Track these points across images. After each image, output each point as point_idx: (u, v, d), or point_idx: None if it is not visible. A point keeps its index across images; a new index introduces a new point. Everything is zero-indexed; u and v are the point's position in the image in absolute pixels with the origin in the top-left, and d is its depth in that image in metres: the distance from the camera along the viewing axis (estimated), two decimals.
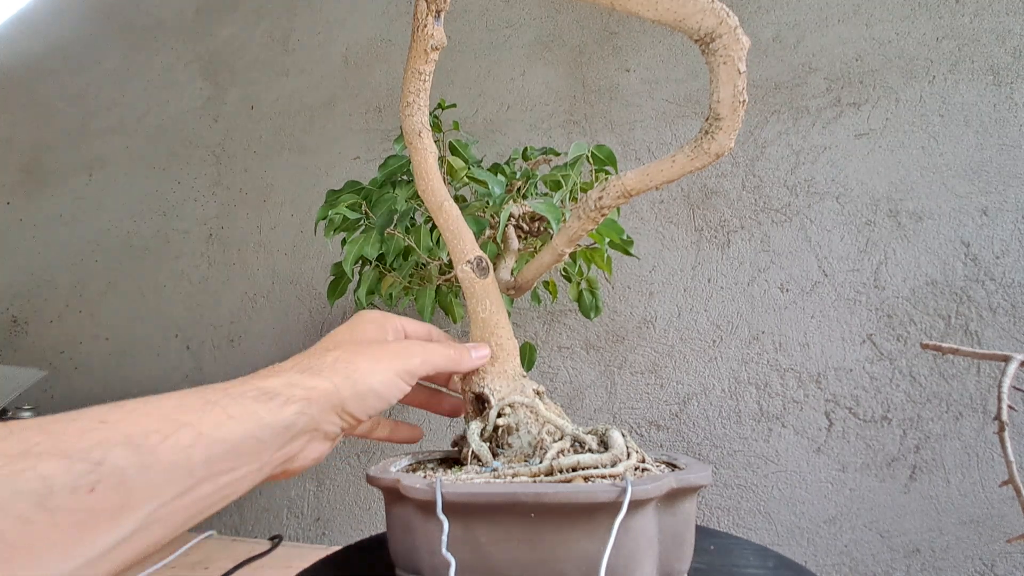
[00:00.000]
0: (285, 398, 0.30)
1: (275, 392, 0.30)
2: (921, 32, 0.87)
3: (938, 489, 0.80)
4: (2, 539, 0.20)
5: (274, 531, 1.12)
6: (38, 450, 0.22)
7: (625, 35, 1.03)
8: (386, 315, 0.41)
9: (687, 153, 0.38)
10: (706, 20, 0.33)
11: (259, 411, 0.29)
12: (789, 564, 0.45)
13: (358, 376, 0.33)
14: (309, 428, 0.31)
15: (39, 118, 1.54)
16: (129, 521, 0.23)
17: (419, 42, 0.42)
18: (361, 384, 0.33)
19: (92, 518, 0.22)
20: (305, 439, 0.32)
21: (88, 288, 1.39)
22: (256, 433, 0.28)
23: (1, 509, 0.20)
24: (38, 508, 0.21)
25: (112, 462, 0.23)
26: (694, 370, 0.92)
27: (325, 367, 0.33)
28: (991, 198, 0.82)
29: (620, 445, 0.39)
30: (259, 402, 0.29)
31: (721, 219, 0.94)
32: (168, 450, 0.25)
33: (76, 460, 0.22)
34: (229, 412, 0.27)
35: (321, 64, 1.26)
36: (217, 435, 0.27)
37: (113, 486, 0.23)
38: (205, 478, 0.26)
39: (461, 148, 0.68)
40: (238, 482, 0.28)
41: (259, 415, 0.28)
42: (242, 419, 0.28)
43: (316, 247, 1.19)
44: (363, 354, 0.35)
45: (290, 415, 0.30)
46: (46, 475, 0.21)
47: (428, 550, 0.35)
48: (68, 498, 0.22)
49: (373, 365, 0.34)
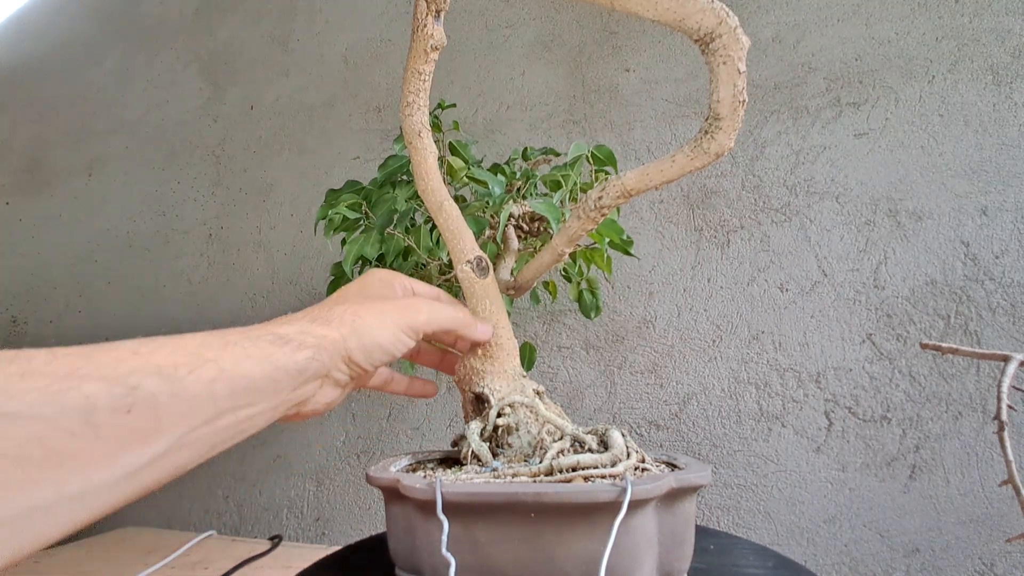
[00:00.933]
0: (298, 344, 0.32)
1: (289, 338, 0.32)
2: (921, 32, 0.87)
3: (938, 489, 0.80)
4: (53, 450, 0.22)
5: (274, 531, 1.12)
6: (81, 373, 0.24)
7: (625, 35, 1.03)
8: (395, 273, 0.42)
9: (687, 153, 0.38)
10: (706, 20, 0.33)
11: (275, 354, 0.31)
12: (789, 564, 0.45)
13: (364, 329, 0.35)
14: (320, 374, 0.33)
15: (39, 118, 1.54)
16: (160, 443, 0.26)
17: (419, 42, 0.42)
18: (366, 336, 0.35)
19: (129, 436, 0.25)
20: (316, 384, 0.34)
21: (88, 288, 1.39)
22: (272, 374, 0.30)
23: (52, 422, 0.22)
24: (83, 423, 0.23)
25: (146, 388, 0.25)
26: (694, 370, 0.92)
27: (334, 318, 0.34)
28: (990, 198, 0.82)
29: (620, 445, 0.39)
30: (275, 345, 0.31)
31: (721, 219, 0.94)
32: (194, 382, 0.27)
33: (114, 384, 0.25)
34: (248, 352, 0.30)
35: (321, 64, 1.26)
36: (237, 372, 0.29)
37: (147, 410, 0.25)
38: (226, 410, 0.29)
39: (461, 148, 0.68)
40: (255, 417, 0.30)
41: (275, 357, 0.31)
42: (259, 360, 0.30)
43: (316, 247, 1.19)
44: (370, 308, 0.36)
45: (302, 360, 0.32)
46: (89, 395, 0.24)
47: (428, 550, 0.35)
48: (108, 417, 0.24)
49: (379, 319, 0.36)
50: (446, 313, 0.40)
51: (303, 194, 1.23)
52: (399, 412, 1.08)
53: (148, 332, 1.01)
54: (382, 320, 0.36)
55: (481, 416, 0.44)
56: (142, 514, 1.24)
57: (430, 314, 0.39)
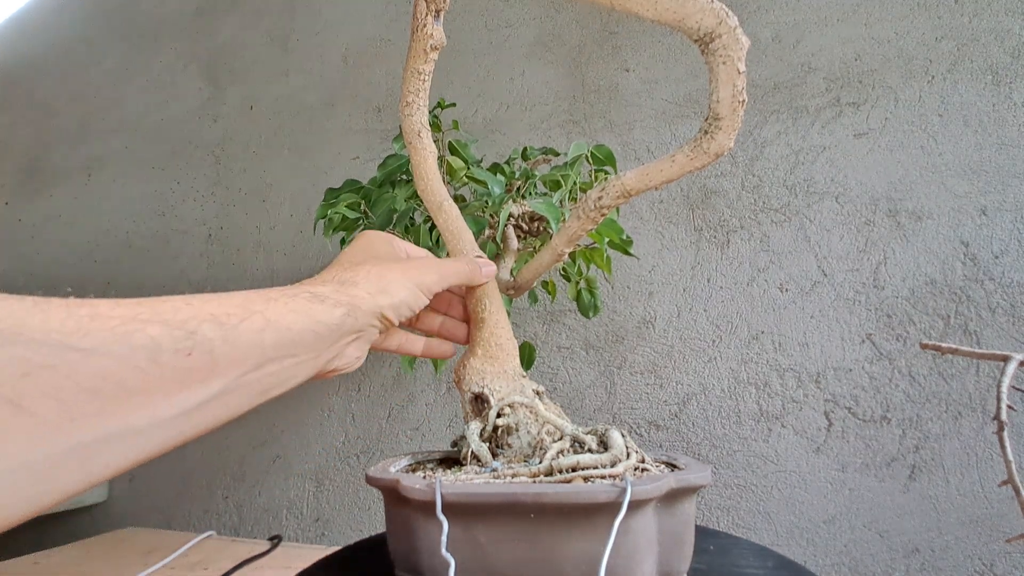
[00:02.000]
0: (334, 301, 0.34)
1: (325, 296, 0.34)
2: (920, 32, 0.87)
3: (937, 489, 0.80)
4: (122, 384, 0.24)
5: (274, 531, 1.12)
6: (143, 317, 0.26)
7: (625, 35, 1.03)
8: (390, 235, 0.45)
9: (686, 153, 0.38)
10: (705, 20, 0.33)
11: (314, 309, 0.33)
12: (788, 564, 0.45)
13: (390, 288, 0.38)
14: (354, 329, 0.36)
15: (39, 118, 1.54)
16: (216, 384, 0.28)
17: (418, 42, 0.42)
18: (394, 296, 0.38)
19: (189, 376, 0.27)
20: (350, 338, 0.36)
21: (88, 288, 1.39)
22: (313, 327, 0.33)
23: (122, 357, 0.25)
24: (150, 361, 0.25)
25: (203, 333, 0.27)
26: (694, 370, 0.92)
27: (359, 279, 0.37)
28: (990, 198, 0.82)
29: (620, 445, 0.39)
30: (312, 302, 0.33)
31: (720, 219, 0.94)
32: (245, 330, 0.29)
33: (174, 328, 0.27)
34: (290, 307, 0.32)
35: (321, 64, 1.26)
36: (282, 323, 0.31)
37: (204, 353, 0.27)
38: (274, 359, 0.31)
39: (460, 148, 0.68)
40: (298, 367, 0.33)
41: (314, 312, 0.33)
42: (301, 314, 0.32)
43: (315, 247, 1.19)
44: (389, 269, 0.39)
45: (339, 316, 0.34)
46: (153, 336, 0.26)
47: (428, 550, 0.35)
48: (171, 357, 0.26)
49: (400, 277, 0.39)
50: (453, 269, 0.43)
51: (303, 194, 1.23)
52: (399, 412, 1.08)
53: None
54: (401, 279, 0.39)
55: (481, 416, 0.44)
56: (142, 514, 1.24)
57: (440, 272, 0.41)
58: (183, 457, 1.22)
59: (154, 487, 1.25)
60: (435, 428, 1.06)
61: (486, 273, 0.45)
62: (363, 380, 1.11)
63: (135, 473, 1.26)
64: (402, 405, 1.08)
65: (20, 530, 0.24)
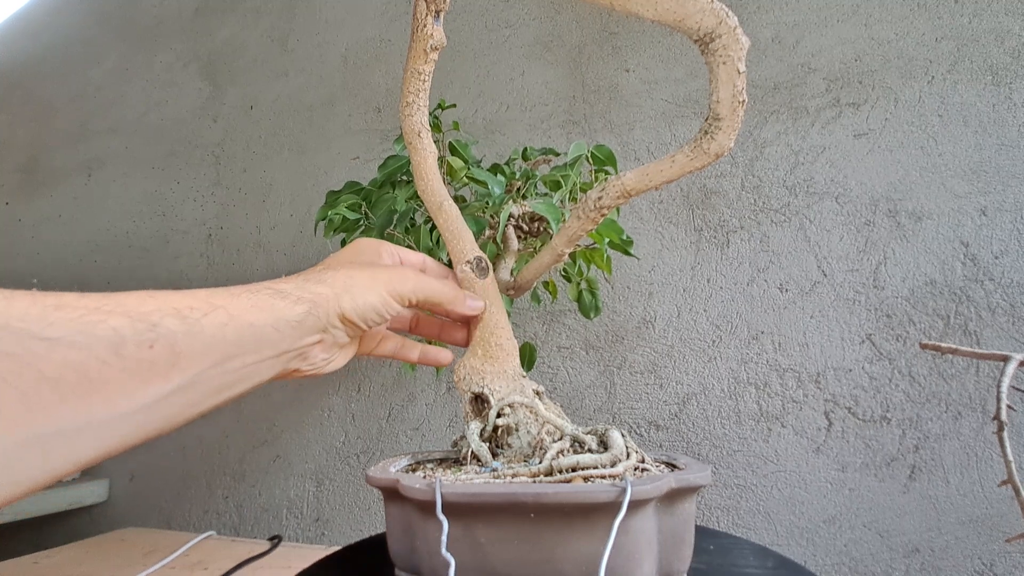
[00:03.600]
0: (296, 298, 0.34)
1: (287, 292, 0.34)
2: (920, 32, 0.87)
3: (937, 489, 0.80)
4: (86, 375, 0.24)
5: (274, 531, 1.12)
6: (107, 308, 0.26)
7: (625, 35, 1.03)
8: (382, 241, 0.45)
9: (686, 153, 0.38)
10: (705, 20, 0.33)
11: (275, 305, 0.33)
12: (788, 564, 0.45)
13: (356, 290, 0.37)
14: (317, 328, 0.35)
15: (38, 118, 1.54)
16: (177, 378, 0.28)
17: (418, 42, 0.42)
18: (358, 297, 0.37)
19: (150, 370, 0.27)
20: (314, 338, 0.35)
21: (87, 288, 1.38)
22: (274, 323, 0.33)
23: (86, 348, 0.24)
24: (112, 353, 0.25)
25: (166, 326, 0.27)
26: (693, 370, 0.92)
27: (327, 279, 0.37)
28: (990, 198, 0.82)
29: (620, 445, 0.39)
30: (275, 298, 0.33)
31: (720, 219, 0.94)
32: (208, 324, 0.29)
33: (137, 320, 0.27)
34: (252, 303, 0.32)
35: (320, 64, 1.26)
36: (245, 319, 0.31)
37: (167, 346, 0.27)
38: (235, 355, 0.31)
39: (461, 148, 0.68)
40: (260, 364, 0.33)
41: (276, 308, 0.33)
42: (263, 309, 0.32)
43: (315, 247, 1.19)
44: (361, 271, 0.39)
45: (300, 313, 0.34)
46: (116, 327, 0.26)
47: (428, 550, 0.35)
48: (134, 349, 0.26)
49: (369, 282, 0.38)
50: (434, 287, 0.41)
51: (303, 194, 1.23)
52: (399, 412, 1.08)
53: None
54: (373, 284, 0.38)
55: (481, 416, 0.44)
56: (142, 514, 1.24)
57: (416, 284, 0.40)
58: (183, 457, 1.22)
59: (154, 487, 1.25)
60: (435, 428, 1.06)
61: (470, 307, 0.44)
62: (363, 380, 1.11)
63: (135, 473, 1.26)
64: (402, 405, 1.08)
65: (20, 530, 0.24)
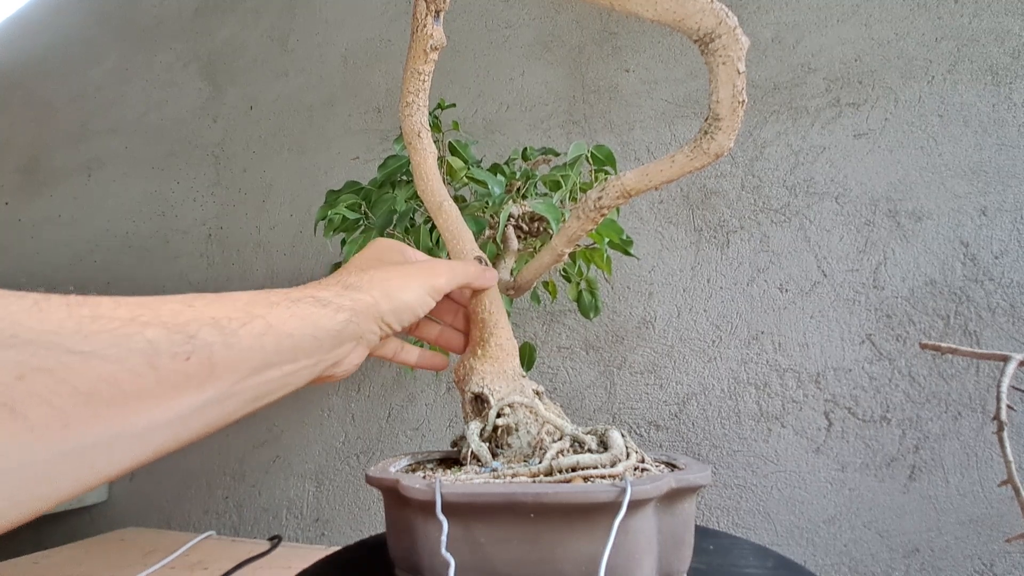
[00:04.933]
0: (336, 307, 0.34)
1: (327, 301, 0.34)
2: (920, 32, 0.87)
3: (937, 489, 0.80)
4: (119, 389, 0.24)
5: (273, 531, 1.12)
6: (143, 319, 0.26)
7: (624, 35, 1.03)
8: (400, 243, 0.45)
9: (686, 153, 0.38)
10: (705, 20, 0.33)
11: (316, 314, 0.33)
12: (788, 564, 0.45)
13: (394, 292, 0.38)
14: (355, 335, 0.36)
15: (38, 118, 1.54)
16: (213, 389, 0.28)
17: (418, 42, 0.42)
18: (396, 299, 0.37)
19: (185, 381, 0.26)
20: (351, 345, 0.36)
21: (87, 288, 1.39)
22: (314, 332, 0.33)
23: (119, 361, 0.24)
24: (147, 365, 0.25)
25: (202, 337, 0.27)
26: (693, 370, 0.92)
27: (364, 284, 0.37)
28: (990, 198, 0.82)
29: (619, 445, 0.39)
30: (315, 307, 0.33)
31: (720, 219, 0.94)
32: (246, 335, 0.29)
33: (174, 331, 0.26)
34: (292, 312, 0.32)
35: (320, 64, 1.26)
36: (284, 329, 0.31)
37: (203, 358, 0.27)
38: (274, 364, 0.31)
39: (461, 148, 0.68)
40: (297, 372, 0.33)
41: (316, 318, 0.33)
42: (303, 319, 0.32)
43: (315, 247, 1.19)
44: (396, 273, 0.39)
45: (341, 321, 0.34)
46: (152, 339, 0.25)
47: (427, 550, 0.35)
48: (169, 361, 0.26)
49: (406, 282, 0.39)
50: (460, 270, 0.43)
51: (303, 194, 1.23)
52: (399, 412, 1.08)
53: None
54: (408, 283, 0.39)
55: (481, 416, 0.44)
56: (142, 514, 1.24)
57: (448, 274, 0.41)
58: (183, 457, 1.22)
59: (154, 487, 1.25)
60: (435, 428, 1.06)
61: (489, 278, 0.45)
62: (363, 380, 1.11)
63: (135, 473, 1.26)
64: (402, 405, 1.08)
65: (20, 530, 0.24)
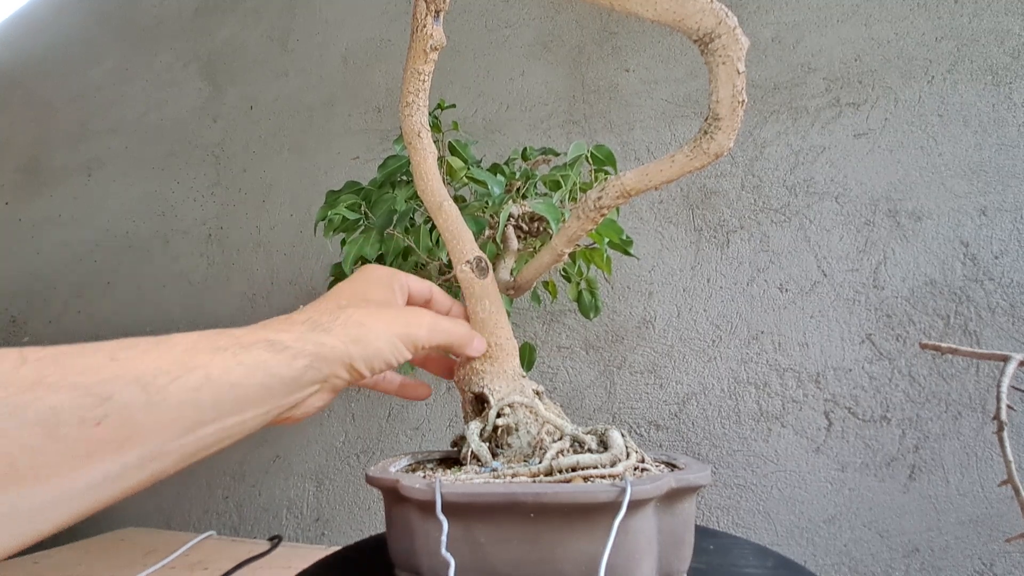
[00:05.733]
0: (295, 352, 0.31)
1: (285, 346, 0.31)
2: (920, 32, 0.87)
3: (937, 489, 0.80)
4: (12, 465, 0.22)
5: (274, 531, 1.12)
6: (49, 381, 0.23)
7: (624, 35, 1.03)
8: (392, 273, 0.41)
9: (686, 153, 0.38)
10: (705, 20, 0.33)
11: (269, 361, 0.30)
12: (788, 564, 0.45)
13: (367, 338, 0.34)
14: (317, 380, 0.32)
15: (38, 118, 1.54)
16: (133, 453, 0.25)
17: (418, 42, 0.42)
18: (369, 346, 0.34)
19: (97, 449, 0.24)
20: (312, 390, 0.33)
21: (87, 288, 1.39)
22: (264, 381, 0.29)
23: (10, 438, 0.22)
24: (47, 437, 0.22)
25: (120, 399, 0.24)
26: (693, 370, 0.92)
27: (336, 325, 0.34)
28: (990, 198, 0.82)
29: (619, 445, 0.39)
30: (270, 352, 0.30)
31: (720, 219, 0.94)
32: (177, 390, 0.26)
33: (85, 394, 0.24)
34: (239, 359, 0.28)
35: (320, 64, 1.26)
36: (226, 380, 0.28)
37: (120, 422, 0.24)
38: (212, 419, 0.27)
39: (460, 148, 0.68)
40: (243, 423, 0.29)
41: (269, 365, 0.29)
42: (252, 367, 0.29)
43: (315, 247, 1.19)
44: (373, 316, 0.36)
45: (299, 368, 0.31)
46: (55, 406, 0.23)
47: (427, 550, 0.35)
48: (75, 429, 0.23)
49: (382, 328, 0.35)
50: (444, 326, 0.40)
51: (303, 194, 1.23)
52: (399, 412, 1.08)
53: (148, 332, 1.01)
54: (385, 330, 0.35)
55: (481, 416, 0.44)
56: (142, 514, 1.24)
57: (430, 330, 0.38)
58: None
59: (154, 487, 1.24)
60: (435, 428, 1.06)
61: (477, 348, 0.42)
62: None
63: None
64: (402, 405, 1.08)
65: None
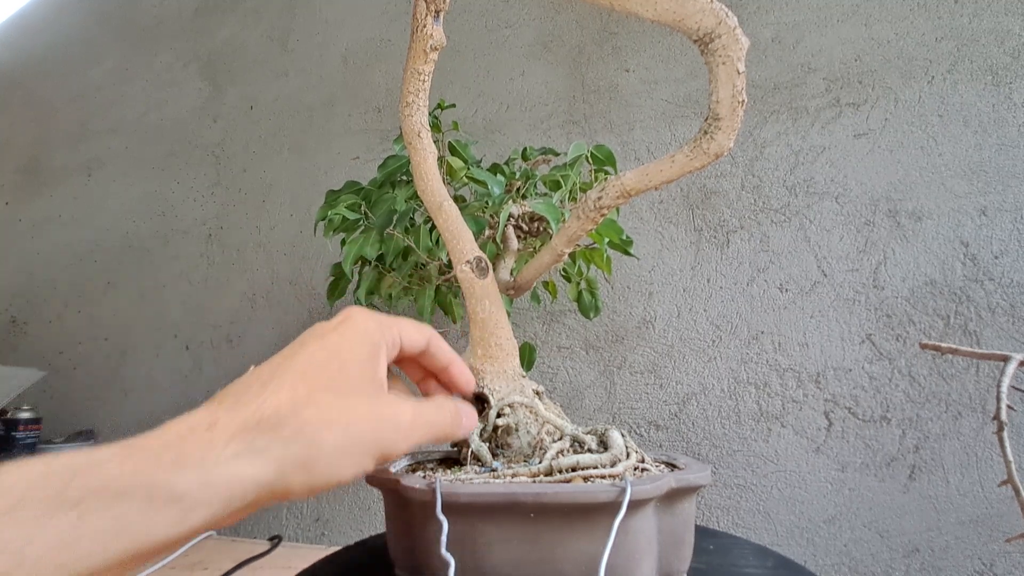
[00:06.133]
0: (192, 503, 0.23)
1: (180, 496, 0.23)
2: (920, 32, 0.87)
3: (937, 489, 0.80)
4: None
5: (273, 531, 1.12)
6: None
7: (624, 35, 1.03)
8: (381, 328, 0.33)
9: (686, 153, 0.38)
10: (705, 20, 0.33)
11: (141, 525, 0.22)
12: (788, 564, 0.45)
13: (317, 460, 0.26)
14: (224, 523, 0.25)
15: (38, 118, 1.54)
16: None
17: (418, 42, 0.42)
18: (317, 472, 0.26)
19: None
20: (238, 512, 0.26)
21: (87, 288, 1.39)
22: (133, 548, 0.22)
23: None
24: None
25: None
26: (693, 370, 0.92)
27: (278, 441, 0.25)
28: (990, 198, 0.82)
29: (619, 445, 0.39)
30: (147, 510, 0.22)
31: (720, 219, 0.94)
32: None
33: None
34: (90, 525, 0.21)
35: (320, 64, 1.26)
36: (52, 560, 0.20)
37: None
38: None
39: (460, 148, 0.68)
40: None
41: (140, 529, 0.22)
42: (111, 534, 0.21)
43: (315, 247, 1.19)
44: (333, 420, 0.28)
45: (195, 522, 0.23)
46: None
47: (427, 550, 0.35)
48: None
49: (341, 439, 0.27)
50: (425, 420, 0.32)
51: (303, 194, 1.23)
52: None
53: (147, 332, 1.02)
54: (345, 441, 0.28)
55: (481, 416, 0.44)
56: None
57: (408, 433, 0.30)
58: None
59: None
60: None
61: (466, 426, 0.35)
62: None
63: None
64: None
65: None
